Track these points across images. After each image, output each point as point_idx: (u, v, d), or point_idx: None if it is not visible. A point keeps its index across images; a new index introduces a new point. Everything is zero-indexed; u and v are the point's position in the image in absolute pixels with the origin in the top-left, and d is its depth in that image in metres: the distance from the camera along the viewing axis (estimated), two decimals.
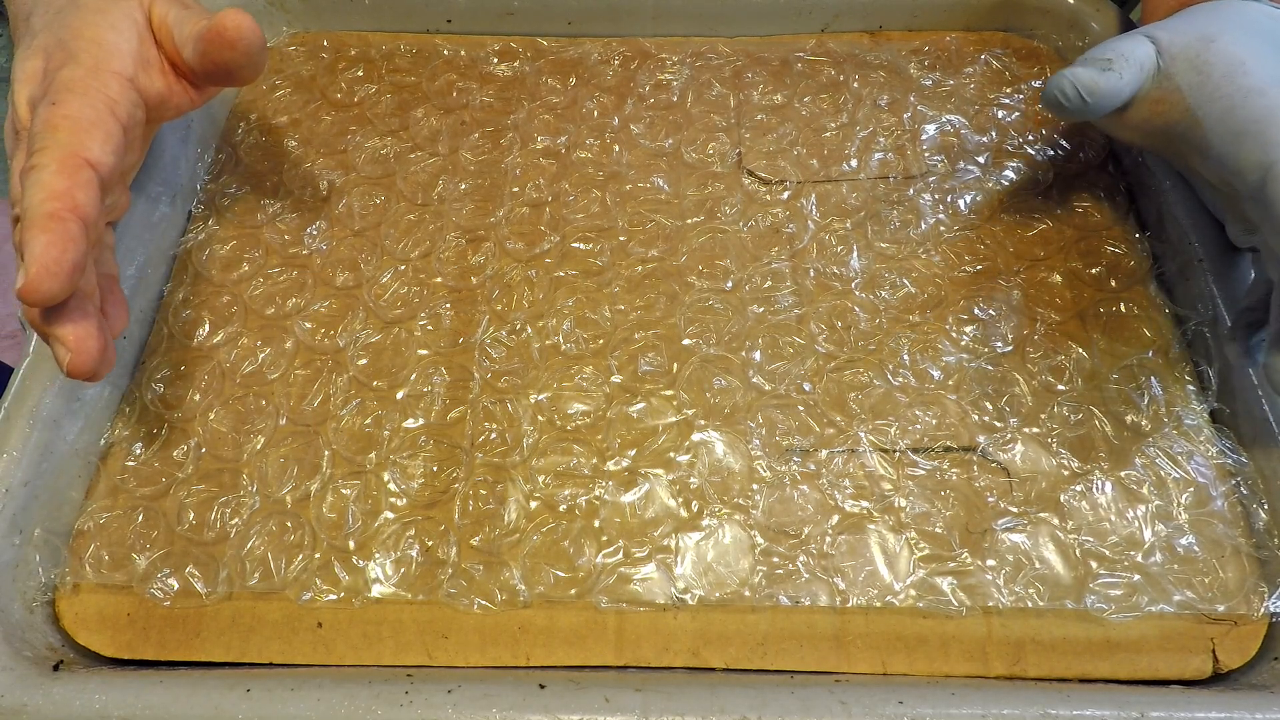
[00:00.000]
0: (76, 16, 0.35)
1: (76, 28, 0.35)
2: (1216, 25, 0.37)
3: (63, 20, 0.35)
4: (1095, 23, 0.49)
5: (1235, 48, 0.35)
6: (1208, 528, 0.36)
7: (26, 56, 0.34)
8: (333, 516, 0.37)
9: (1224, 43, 0.36)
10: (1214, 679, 0.34)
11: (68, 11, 0.35)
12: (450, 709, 0.30)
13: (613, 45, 0.52)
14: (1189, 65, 0.36)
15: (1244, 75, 0.35)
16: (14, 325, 1.27)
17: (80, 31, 0.34)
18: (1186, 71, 0.36)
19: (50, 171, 0.30)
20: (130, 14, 0.36)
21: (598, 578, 0.35)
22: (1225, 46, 0.35)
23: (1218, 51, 0.35)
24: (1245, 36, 0.36)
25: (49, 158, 0.31)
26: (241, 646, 0.34)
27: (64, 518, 0.37)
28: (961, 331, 0.41)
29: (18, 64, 0.35)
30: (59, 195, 0.30)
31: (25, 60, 0.34)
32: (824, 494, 0.37)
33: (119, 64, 0.34)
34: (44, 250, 0.29)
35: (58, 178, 0.30)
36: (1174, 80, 0.36)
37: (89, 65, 0.33)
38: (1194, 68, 0.36)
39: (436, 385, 0.40)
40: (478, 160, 0.48)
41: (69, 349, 0.30)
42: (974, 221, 0.45)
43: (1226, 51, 0.35)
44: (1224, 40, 0.36)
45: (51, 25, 0.35)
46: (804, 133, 0.48)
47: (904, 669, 0.34)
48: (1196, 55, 0.36)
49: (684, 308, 0.42)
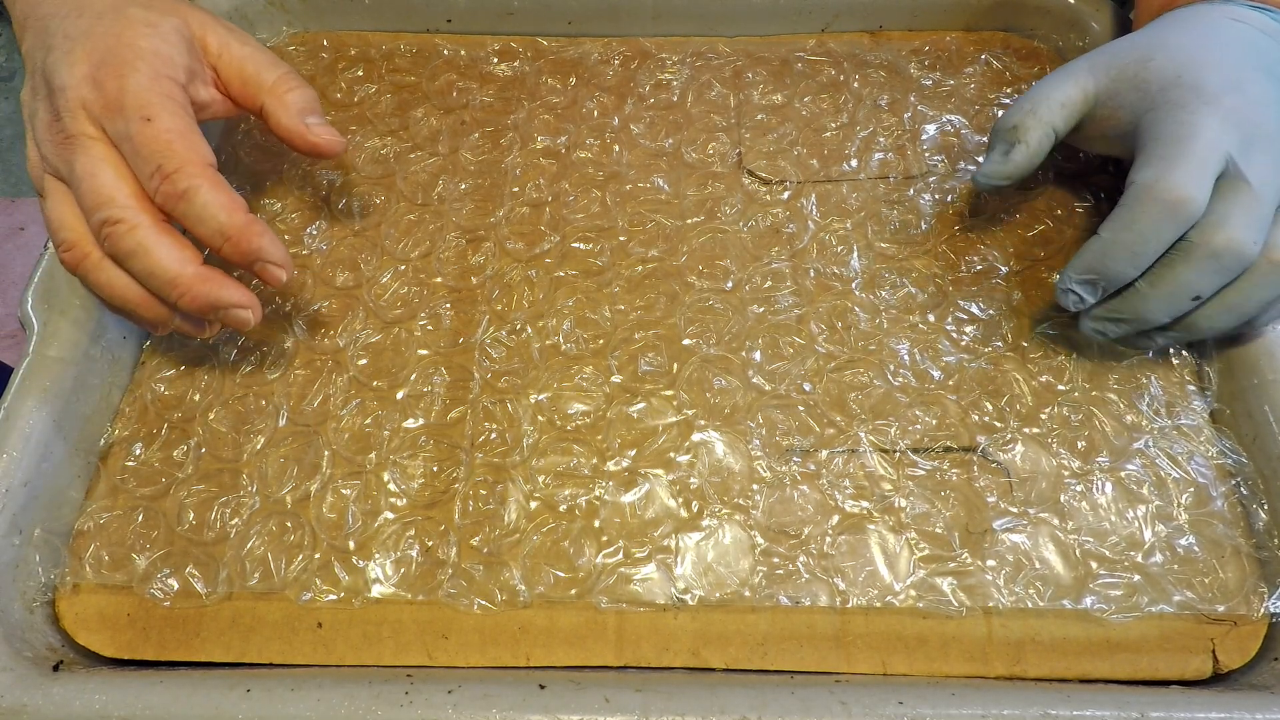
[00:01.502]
0: (126, 28, 0.36)
1: (128, 39, 0.35)
2: (1159, 41, 0.38)
3: (108, 28, 0.36)
4: (1095, 22, 0.49)
5: (1173, 62, 0.37)
6: (1208, 528, 0.36)
7: (71, 62, 0.35)
8: (333, 517, 0.37)
9: (1161, 59, 0.37)
10: (1214, 679, 0.34)
11: (111, 19, 0.36)
12: (450, 709, 0.30)
13: (613, 45, 0.52)
14: (1130, 85, 0.38)
15: (1176, 88, 0.36)
16: (14, 325, 1.27)
17: (133, 42, 0.35)
18: (1128, 91, 0.38)
19: (207, 189, 0.34)
20: (179, 29, 0.37)
21: (598, 578, 0.35)
22: (1163, 63, 0.37)
23: (1155, 69, 0.37)
24: (1190, 46, 0.37)
25: (193, 177, 0.33)
26: (241, 647, 0.34)
27: (64, 518, 0.37)
28: (961, 331, 0.41)
29: (57, 67, 0.35)
30: (233, 205, 0.34)
31: (70, 65, 0.34)
32: (824, 494, 0.37)
33: (172, 72, 0.36)
34: (274, 247, 0.35)
35: (218, 192, 0.34)
36: (1119, 99, 0.38)
37: (149, 74, 0.35)
38: (1134, 86, 0.37)
39: (436, 385, 0.40)
40: (478, 160, 0.48)
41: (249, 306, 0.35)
42: (974, 221, 0.45)
43: (1164, 68, 0.37)
44: (1162, 57, 0.37)
45: (94, 33, 0.35)
46: (804, 133, 0.48)
47: (904, 669, 0.34)
48: (1135, 75, 0.38)
49: (684, 308, 0.42)
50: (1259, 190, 0.34)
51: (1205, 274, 0.34)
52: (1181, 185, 0.33)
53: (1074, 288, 0.37)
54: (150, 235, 0.33)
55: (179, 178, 0.33)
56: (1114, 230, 0.35)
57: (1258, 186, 0.34)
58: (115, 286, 0.34)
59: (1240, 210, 0.34)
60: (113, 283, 0.34)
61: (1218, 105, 0.35)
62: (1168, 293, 0.35)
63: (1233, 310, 0.35)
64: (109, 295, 0.35)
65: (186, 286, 0.34)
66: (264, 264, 0.35)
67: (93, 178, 0.33)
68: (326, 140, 0.39)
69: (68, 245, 0.34)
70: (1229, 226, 0.33)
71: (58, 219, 0.35)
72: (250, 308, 0.35)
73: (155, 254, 0.33)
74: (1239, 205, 0.34)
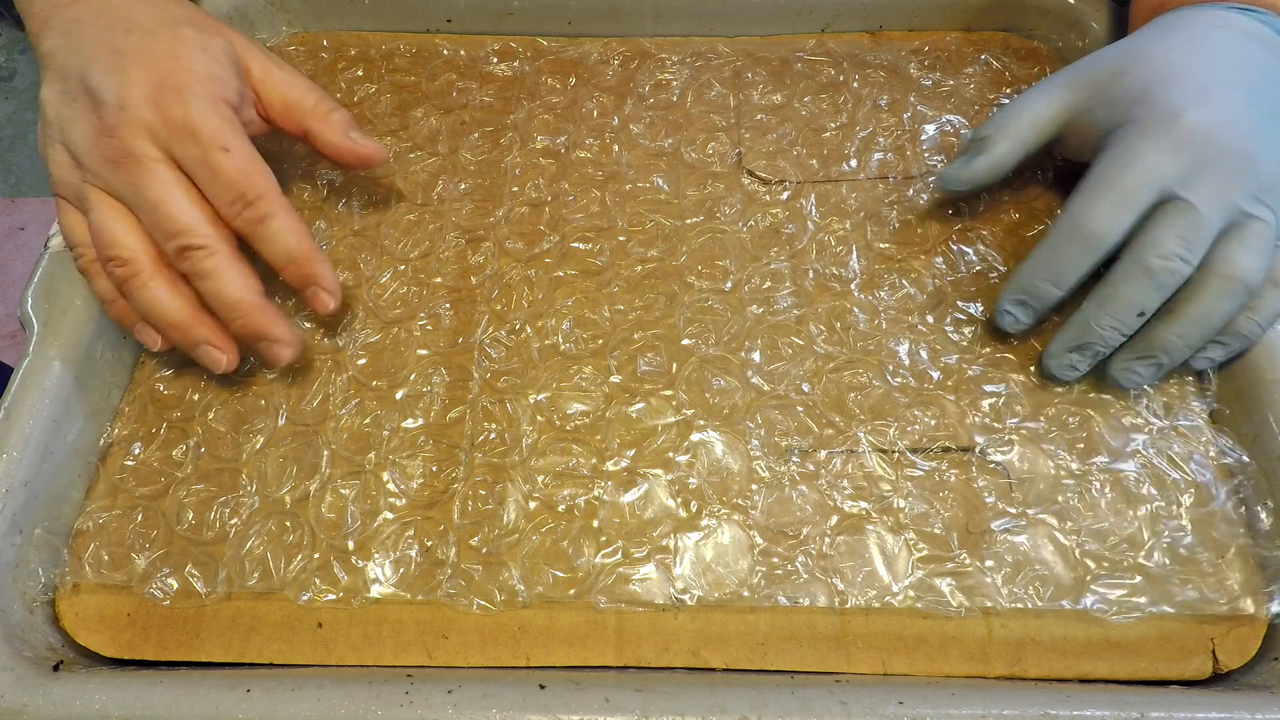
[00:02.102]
0: (182, 48, 0.37)
1: (186, 61, 0.36)
2: (1138, 51, 0.39)
3: (164, 49, 0.36)
4: (1095, 22, 0.49)
5: (1145, 76, 0.38)
6: (1207, 528, 0.36)
7: (126, 80, 0.35)
8: (332, 516, 0.37)
9: (1135, 73, 0.38)
10: (1214, 679, 0.34)
11: (166, 39, 0.37)
12: (450, 709, 0.30)
13: (613, 45, 0.52)
14: (1101, 101, 0.39)
15: (1138, 106, 0.37)
16: (14, 325, 1.27)
17: (190, 65, 0.36)
18: (1100, 107, 0.39)
19: (283, 218, 0.37)
20: (228, 51, 0.39)
21: (597, 578, 0.35)
22: (1134, 78, 0.38)
23: (1126, 84, 0.38)
24: (1167, 56, 0.38)
25: (273, 205, 0.36)
26: (241, 647, 0.34)
27: (64, 518, 0.37)
28: (960, 332, 0.41)
29: (106, 81, 0.35)
30: (303, 233, 0.37)
31: (126, 84, 0.35)
32: (823, 494, 0.37)
33: (228, 95, 0.37)
34: (329, 276, 0.38)
35: (292, 220, 0.37)
36: (1092, 114, 0.39)
37: (209, 99, 0.36)
38: (1105, 102, 0.39)
39: (436, 385, 0.40)
40: (477, 160, 0.48)
41: (291, 344, 0.38)
42: (974, 222, 0.45)
43: (1134, 83, 0.38)
44: (1135, 70, 0.38)
45: (150, 52, 0.36)
46: (804, 133, 0.48)
47: (904, 669, 0.34)
48: (1107, 90, 0.39)
49: (683, 308, 0.42)
50: (1202, 209, 0.34)
51: (1141, 290, 0.35)
52: (1099, 220, 0.36)
53: (1008, 308, 0.39)
54: (226, 261, 0.36)
55: (260, 205, 0.36)
56: (1039, 255, 0.38)
57: (1201, 206, 0.34)
58: (161, 304, 0.36)
59: (1171, 231, 0.35)
60: (160, 300, 0.36)
61: (1172, 127, 0.35)
62: (1111, 310, 0.36)
63: (1193, 323, 0.36)
64: (148, 311, 0.36)
65: (245, 311, 0.36)
66: (317, 289, 0.38)
67: (168, 204, 0.35)
68: (373, 150, 0.41)
69: (122, 261, 0.35)
70: (1160, 245, 0.35)
71: (110, 235, 0.35)
72: (291, 346, 0.37)
73: (227, 278, 0.36)
74: (1172, 226, 0.35)
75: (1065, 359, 0.38)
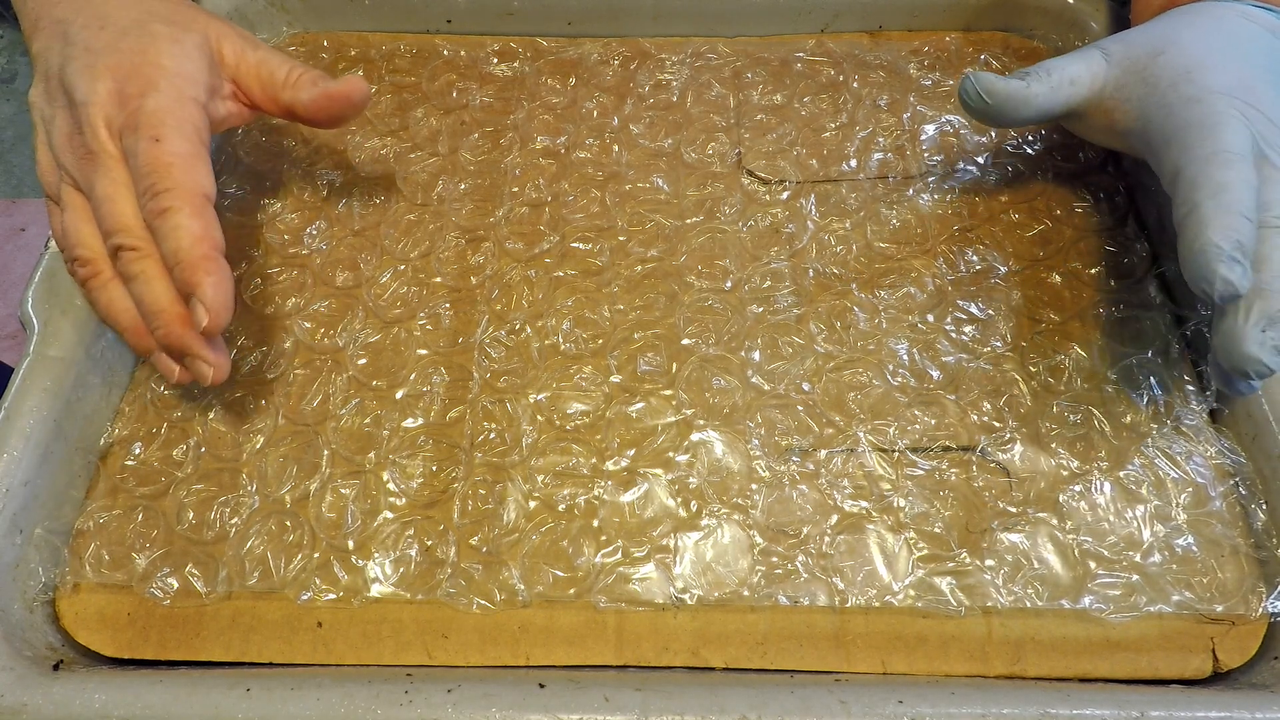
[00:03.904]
0: (150, 44, 0.36)
1: (153, 56, 0.35)
2: (1172, 35, 0.38)
3: (132, 44, 0.36)
4: (1095, 22, 0.49)
5: (1184, 59, 0.37)
6: (1206, 528, 0.36)
7: (93, 76, 0.35)
8: (332, 516, 0.37)
9: (1172, 54, 0.37)
10: (1214, 678, 0.34)
11: (136, 35, 0.36)
12: (450, 709, 0.30)
13: (612, 45, 0.52)
14: (1138, 78, 0.38)
15: (1187, 84, 0.36)
16: (14, 325, 1.27)
17: (157, 60, 0.35)
18: (1136, 84, 0.38)
19: (186, 215, 0.33)
20: (201, 45, 0.37)
21: (597, 577, 0.35)
22: (1173, 59, 0.37)
23: (1164, 64, 0.37)
24: (1202, 43, 0.37)
25: (179, 200, 0.33)
26: (241, 646, 0.34)
27: (64, 517, 0.37)
28: (961, 331, 0.41)
29: (78, 79, 0.35)
30: (203, 238, 0.33)
31: (94, 80, 0.35)
32: (823, 494, 0.37)
33: (195, 92, 0.36)
34: (214, 291, 0.33)
35: (195, 220, 0.33)
36: (1125, 91, 0.38)
37: (173, 95, 0.35)
38: (1142, 80, 0.37)
39: (436, 385, 0.40)
40: (477, 160, 0.48)
41: (212, 365, 0.34)
42: (974, 221, 0.45)
43: (1173, 64, 0.37)
44: (1173, 52, 0.37)
45: (118, 48, 0.35)
46: (803, 133, 0.48)
47: (904, 669, 0.34)
48: (1144, 69, 0.38)
49: (683, 308, 0.42)
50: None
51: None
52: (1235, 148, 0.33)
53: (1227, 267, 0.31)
54: (155, 267, 0.34)
55: (164, 198, 0.33)
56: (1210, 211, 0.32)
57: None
58: (114, 307, 0.35)
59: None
60: (112, 303, 0.35)
61: (1232, 101, 0.35)
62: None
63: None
64: (105, 314, 0.36)
65: (166, 321, 0.34)
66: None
67: (112, 201, 0.34)
68: (349, 87, 0.38)
69: (83, 261, 0.35)
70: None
71: (75, 233, 0.35)
72: (214, 367, 0.34)
73: (152, 285, 0.34)
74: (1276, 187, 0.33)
75: (1262, 339, 0.32)
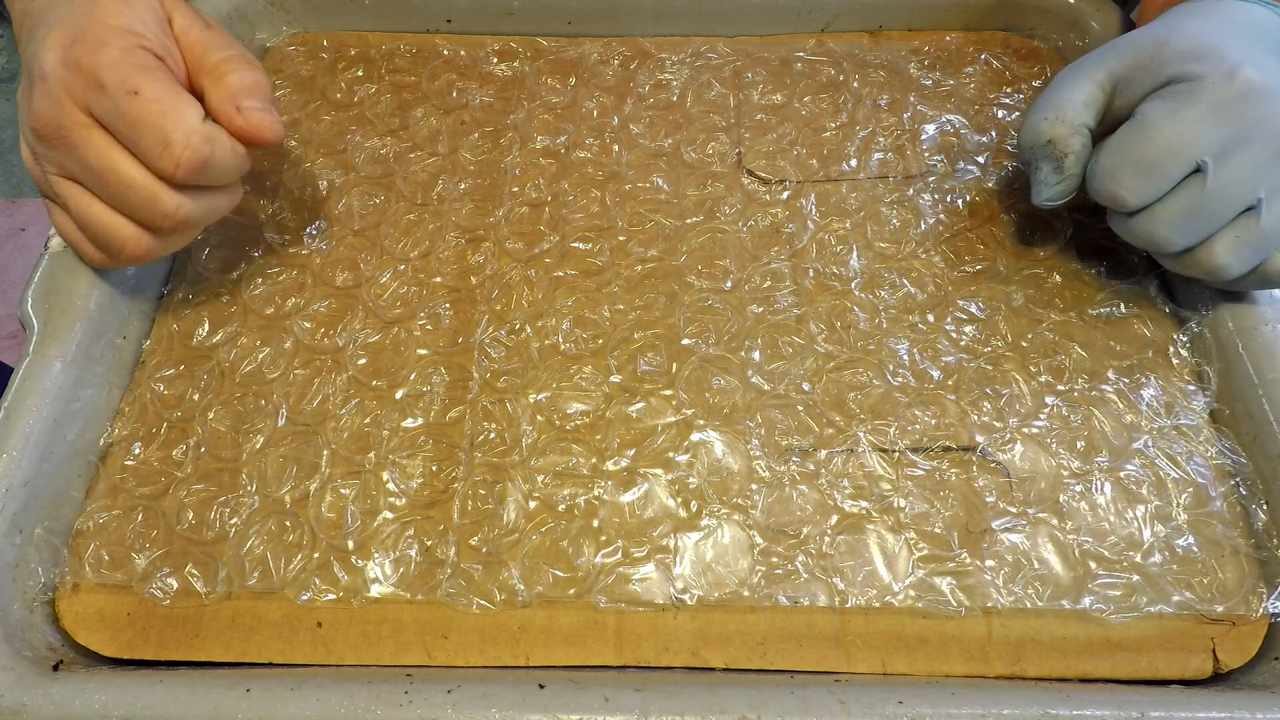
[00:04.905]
0: (97, 6, 0.35)
1: (99, 17, 0.34)
2: (1178, 25, 0.38)
3: (80, 8, 0.35)
4: (1095, 22, 0.49)
5: (1189, 47, 0.37)
6: (1207, 528, 0.36)
7: (47, 47, 0.34)
8: (332, 516, 0.37)
9: (1177, 43, 0.37)
10: (1214, 679, 0.34)
11: (84, 2, 0.35)
12: (450, 709, 0.30)
13: (613, 45, 0.52)
14: (1144, 70, 0.37)
15: (1202, 62, 0.36)
16: (14, 325, 1.27)
17: (105, 20, 0.34)
18: (1142, 75, 0.37)
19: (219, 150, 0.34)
20: (152, 7, 0.36)
21: (597, 578, 0.35)
22: (1178, 47, 0.37)
23: (1170, 52, 0.37)
24: (1208, 32, 0.37)
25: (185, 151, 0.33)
26: (241, 646, 0.34)
27: (64, 518, 0.37)
28: (961, 331, 0.41)
29: (37, 55, 0.34)
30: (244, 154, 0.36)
31: (46, 50, 0.34)
32: (823, 494, 0.37)
33: (149, 45, 0.35)
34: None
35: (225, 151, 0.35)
36: (1133, 85, 0.38)
37: (121, 48, 0.33)
38: (1148, 70, 0.37)
39: (435, 385, 0.40)
40: (477, 160, 0.48)
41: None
42: (974, 221, 0.45)
43: (1179, 52, 0.37)
44: (1178, 41, 0.37)
45: (68, 17, 0.34)
46: (804, 133, 0.48)
47: (904, 669, 0.34)
48: (1151, 59, 0.37)
49: (683, 307, 0.42)
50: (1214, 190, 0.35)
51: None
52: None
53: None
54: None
55: (171, 153, 0.33)
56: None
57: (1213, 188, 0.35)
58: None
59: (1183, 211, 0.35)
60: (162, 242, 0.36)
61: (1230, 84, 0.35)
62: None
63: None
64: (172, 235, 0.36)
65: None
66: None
67: (115, 172, 0.33)
68: (257, 123, 0.35)
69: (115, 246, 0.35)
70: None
71: (92, 219, 0.35)
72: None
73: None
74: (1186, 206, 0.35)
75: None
